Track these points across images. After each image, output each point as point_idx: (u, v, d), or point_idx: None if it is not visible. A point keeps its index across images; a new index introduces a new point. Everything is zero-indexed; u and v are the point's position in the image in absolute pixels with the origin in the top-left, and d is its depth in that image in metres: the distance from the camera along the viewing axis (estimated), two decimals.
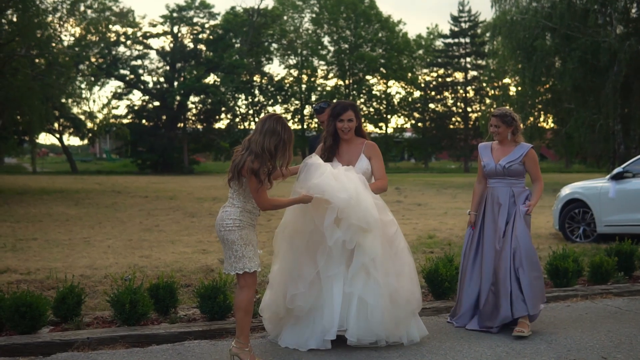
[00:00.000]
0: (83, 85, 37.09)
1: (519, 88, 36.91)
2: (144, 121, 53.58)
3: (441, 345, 5.96)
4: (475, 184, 6.98)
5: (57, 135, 50.31)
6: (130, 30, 51.28)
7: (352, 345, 5.69)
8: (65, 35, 30.76)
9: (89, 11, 31.56)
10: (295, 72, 61.98)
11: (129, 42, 52.06)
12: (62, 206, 21.39)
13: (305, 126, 61.22)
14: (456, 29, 65.23)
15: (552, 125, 39.93)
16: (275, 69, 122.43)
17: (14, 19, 27.17)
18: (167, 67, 53.42)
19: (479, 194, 6.89)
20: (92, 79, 46.83)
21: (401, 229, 6.26)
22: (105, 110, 50.57)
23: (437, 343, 6.04)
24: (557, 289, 8.09)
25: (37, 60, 29.25)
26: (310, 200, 5.61)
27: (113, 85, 55.46)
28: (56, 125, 48.28)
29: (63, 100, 37.91)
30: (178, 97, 50.88)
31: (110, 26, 46.43)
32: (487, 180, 6.82)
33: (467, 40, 64.89)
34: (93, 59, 48.26)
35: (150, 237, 14.26)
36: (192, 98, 53.12)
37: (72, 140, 61.16)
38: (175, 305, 6.81)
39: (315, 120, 60.61)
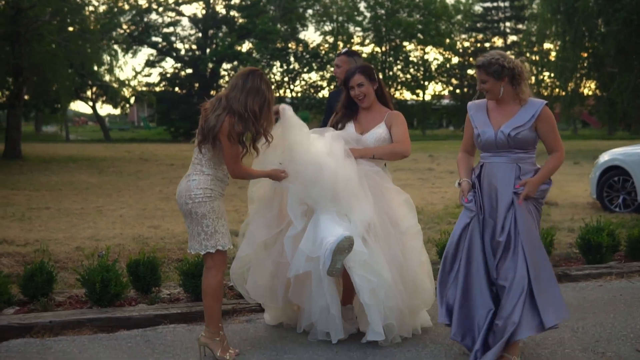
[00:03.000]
0: (114, 53, 36.45)
1: (560, 54, 35.46)
2: (176, 89, 53.19)
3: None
4: (459, 153, 5.05)
5: (90, 104, 50.19)
6: None
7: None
8: (96, 2, 30.12)
9: None
10: (331, 39, 60.87)
11: (160, 9, 51.52)
12: (85, 174, 21.01)
13: None
14: None
15: (594, 90, 38.45)
16: (311, 35, 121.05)
17: None
18: (200, 34, 52.80)
19: (467, 162, 4.97)
20: (124, 46, 46.46)
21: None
22: (137, 78, 50.28)
23: (448, 332, 5.28)
24: (589, 266, 7.25)
25: (70, 29, 28.65)
26: (280, 177, 4.88)
27: (145, 52, 55.15)
28: (89, 93, 48.13)
29: (95, 69, 37.41)
30: (210, 65, 50.33)
31: None
32: (481, 152, 4.97)
33: (507, 4, 63.02)
34: (125, 27, 47.84)
35: (166, 206, 13.74)
36: (225, 65, 52.47)
37: (106, 109, 61.05)
38: (158, 284, 6.15)
39: None
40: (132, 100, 49.45)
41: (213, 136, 4.52)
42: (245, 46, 52.51)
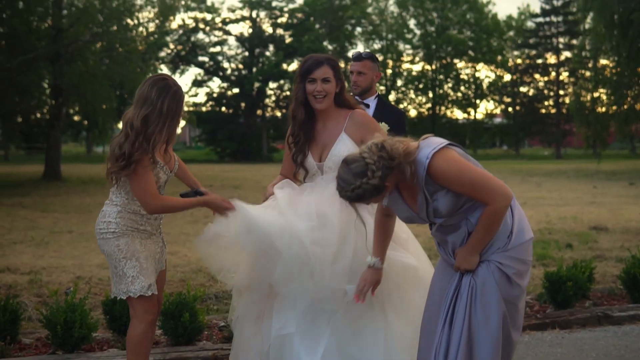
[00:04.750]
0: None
1: (614, 70, 34.09)
2: (223, 109, 53.22)
3: None
4: (376, 215, 3.79)
5: None
6: (209, 17, 50.79)
7: None
8: (138, 22, 29.87)
9: None
10: (380, 57, 60.21)
11: (207, 29, 51.59)
12: None
13: None
14: (547, 7, 61.85)
15: None
16: None
17: (79, 5, 26.62)
18: (246, 53, 52.76)
19: (385, 227, 3.78)
20: (171, 66, 46.68)
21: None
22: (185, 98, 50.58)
23: None
24: (634, 305, 6.34)
25: (119, 49, 28.52)
26: (223, 207, 3.93)
27: (192, 72, 55.75)
28: None
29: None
30: (257, 84, 50.22)
31: (188, 13, 46.11)
32: None
33: (560, 19, 61.49)
34: (172, 46, 48.05)
35: (192, 230, 13.17)
36: (271, 84, 52.32)
37: None
38: None
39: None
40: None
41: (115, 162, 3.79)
42: (293, 65, 52.27)
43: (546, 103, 62.96)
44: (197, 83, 53.21)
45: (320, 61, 4.10)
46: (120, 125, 4.07)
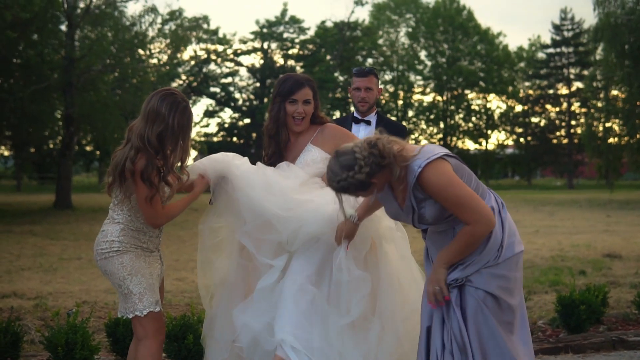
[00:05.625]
0: None
1: (627, 99, 33.94)
2: (234, 139, 53.40)
3: None
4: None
5: None
6: (220, 48, 51.05)
7: None
8: (150, 53, 30.09)
9: (173, 26, 30.86)
10: (391, 89, 60.32)
11: (219, 60, 51.84)
12: None
13: None
14: (558, 37, 61.94)
15: None
16: None
17: (92, 36, 26.86)
18: (257, 84, 52.98)
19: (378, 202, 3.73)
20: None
21: None
22: (196, 128, 50.78)
23: None
24: None
25: (133, 81, 28.68)
26: (205, 184, 4.03)
27: (204, 103, 56.03)
28: None
29: None
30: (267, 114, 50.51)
31: (200, 44, 46.33)
32: None
33: (570, 49, 61.52)
34: (184, 77, 48.33)
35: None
36: None
37: None
38: None
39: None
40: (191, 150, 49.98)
41: (119, 175, 3.73)
42: None
43: (558, 133, 62.70)
44: (208, 113, 53.42)
45: (301, 82, 4.17)
46: None
